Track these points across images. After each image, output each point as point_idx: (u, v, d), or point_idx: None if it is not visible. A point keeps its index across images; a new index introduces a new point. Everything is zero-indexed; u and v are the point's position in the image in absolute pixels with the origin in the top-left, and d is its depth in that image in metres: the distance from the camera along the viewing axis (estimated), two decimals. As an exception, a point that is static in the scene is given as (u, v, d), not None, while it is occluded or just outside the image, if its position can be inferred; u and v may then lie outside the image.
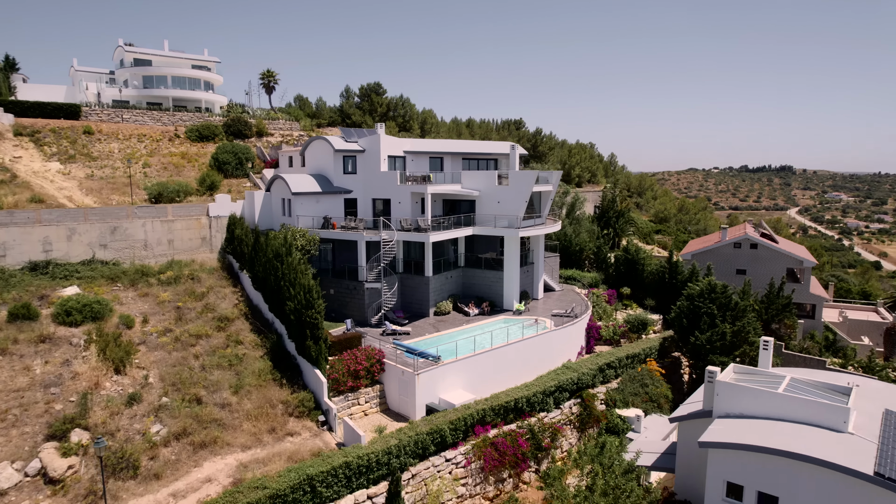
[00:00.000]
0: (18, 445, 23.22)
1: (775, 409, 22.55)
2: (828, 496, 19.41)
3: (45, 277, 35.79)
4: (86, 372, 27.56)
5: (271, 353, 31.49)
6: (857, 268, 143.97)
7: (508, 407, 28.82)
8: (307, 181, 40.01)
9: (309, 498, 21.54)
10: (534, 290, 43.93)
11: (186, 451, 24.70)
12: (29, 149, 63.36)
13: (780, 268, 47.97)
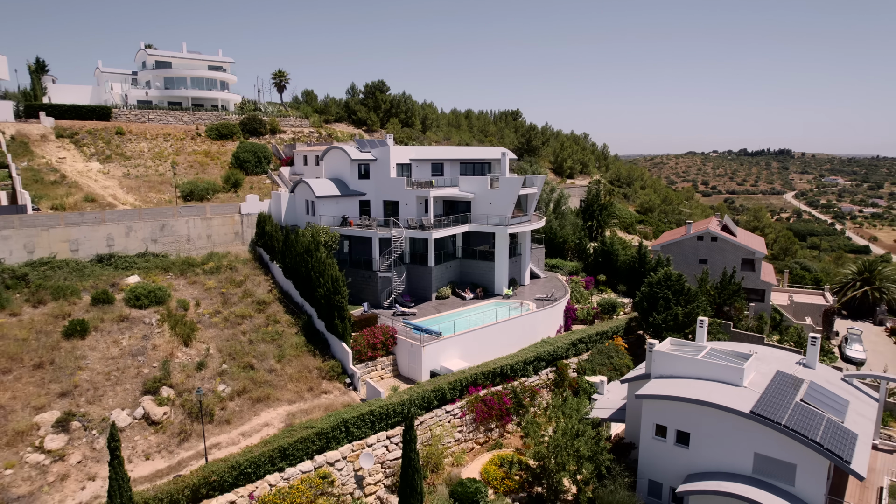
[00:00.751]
0: (123, 397, 30.63)
1: (694, 370, 29.87)
2: (722, 429, 26.81)
3: (110, 268, 42.99)
4: (162, 345, 34.87)
5: (304, 331, 38.78)
6: (834, 253, 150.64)
7: (496, 372, 36.18)
8: (328, 185, 46.98)
9: (344, 436, 28.95)
10: (521, 278, 51.16)
11: (246, 404, 32.13)
12: (70, 150, 70.08)
13: (737, 258, 55.17)
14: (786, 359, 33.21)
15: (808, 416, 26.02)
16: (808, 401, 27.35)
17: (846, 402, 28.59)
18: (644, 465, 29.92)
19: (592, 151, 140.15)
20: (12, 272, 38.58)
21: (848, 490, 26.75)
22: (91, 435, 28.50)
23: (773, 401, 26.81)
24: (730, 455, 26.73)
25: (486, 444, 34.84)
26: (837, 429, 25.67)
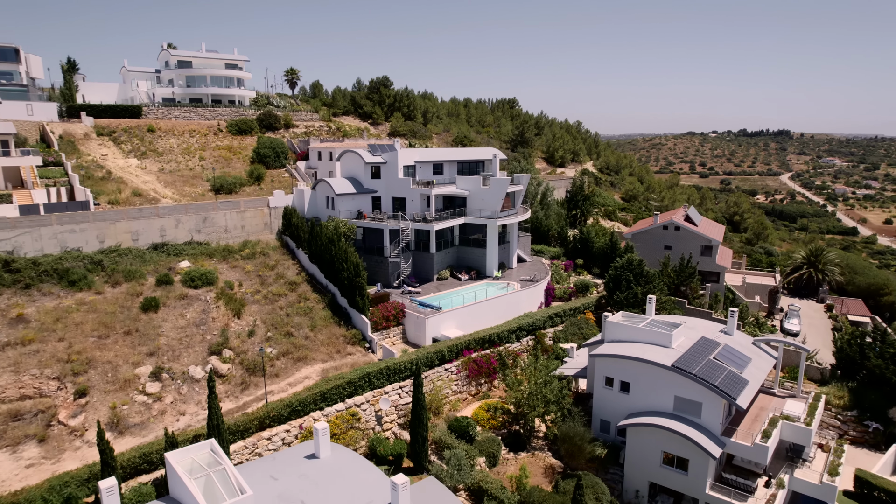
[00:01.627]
0: (195, 357, 39.59)
1: (636, 336, 38.75)
2: (652, 379, 35.72)
3: (164, 255, 51.65)
4: (219, 317, 43.75)
5: (329, 306, 47.61)
6: (810, 235, 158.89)
7: (485, 339, 45.09)
8: (345, 184, 55.44)
9: (367, 385, 37.94)
10: (509, 262, 59.91)
11: (289, 363, 41.11)
12: (111, 147, 78.31)
13: (696, 245, 63.79)
14: (713, 327, 42.11)
15: (715, 368, 34.97)
16: (717, 358, 36.29)
17: (749, 359, 37.56)
18: (597, 407, 39.01)
19: (584, 140, 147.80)
20: (90, 259, 47.30)
21: (744, 421, 35.74)
22: (176, 384, 37.52)
23: (690, 358, 35.73)
24: (657, 398, 35.73)
25: (476, 395, 43.90)
26: (734, 377, 34.64)
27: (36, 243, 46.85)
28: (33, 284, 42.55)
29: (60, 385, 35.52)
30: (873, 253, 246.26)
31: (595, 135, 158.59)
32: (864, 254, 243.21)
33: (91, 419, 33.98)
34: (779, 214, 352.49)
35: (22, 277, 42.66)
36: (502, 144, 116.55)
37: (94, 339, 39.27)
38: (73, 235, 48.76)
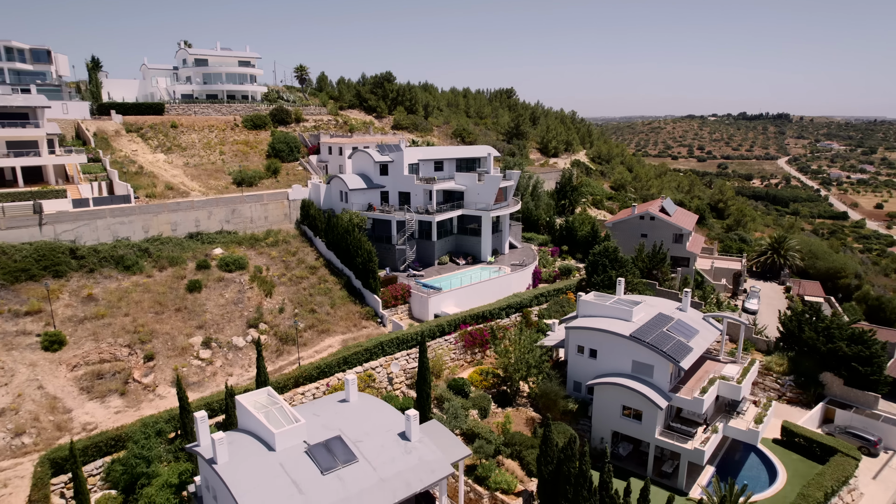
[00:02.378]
0: (236, 329, 47.49)
1: (604, 312, 46.55)
2: (615, 347, 43.58)
3: (199, 243, 59.19)
4: (253, 297, 51.57)
5: (346, 287, 55.39)
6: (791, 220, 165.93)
7: (479, 315, 52.91)
8: (357, 180, 62.87)
9: (381, 352, 45.85)
10: (502, 248, 67.57)
11: (315, 334, 49.00)
12: (139, 143, 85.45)
13: (669, 233, 71.36)
14: (671, 305, 49.92)
15: (665, 338, 42.84)
16: (669, 330, 44.16)
17: (696, 331, 45.43)
18: (570, 371, 47.00)
19: (578, 130, 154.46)
20: (138, 247, 54.96)
21: (690, 381, 43.67)
22: (223, 351, 45.46)
23: (646, 329, 43.59)
24: (619, 362, 43.65)
25: (471, 362, 51.87)
26: (681, 345, 42.53)
27: (93, 233, 54.42)
28: (96, 269, 50.29)
29: (131, 351, 43.46)
30: (859, 237, 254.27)
31: (589, 125, 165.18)
32: (849, 237, 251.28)
33: (159, 378, 41.99)
34: (772, 199, 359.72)
35: (86, 263, 50.41)
36: (499, 136, 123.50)
37: (153, 314, 47.16)
38: (123, 226, 56.32)
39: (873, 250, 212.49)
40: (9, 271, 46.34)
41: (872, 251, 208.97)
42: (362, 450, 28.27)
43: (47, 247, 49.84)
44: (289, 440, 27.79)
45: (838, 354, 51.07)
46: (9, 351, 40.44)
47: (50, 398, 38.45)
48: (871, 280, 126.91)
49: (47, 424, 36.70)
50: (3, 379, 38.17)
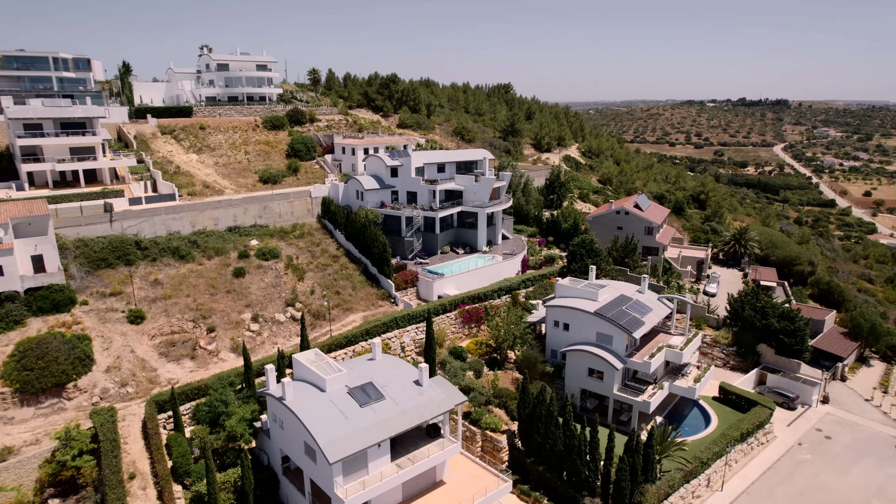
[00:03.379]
0: (277, 308, 58.29)
1: (576, 293, 57.27)
2: (583, 321, 54.38)
3: (237, 235, 69.61)
4: (288, 281, 62.28)
5: (363, 273, 66.04)
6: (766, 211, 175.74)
7: (475, 297, 63.64)
8: (371, 181, 73.23)
9: (395, 325, 56.70)
10: (496, 239, 78.13)
11: (340, 312, 59.80)
12: (173, 144, 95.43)
13: (641, 226, 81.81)
14: (632, 288, 60.63)
15: (623, 314, 53.61)
16: (627, 308, 54.94)
17: (650, 309, 56.19)
18: (549, 341, 57.87)
19: (570, 125, 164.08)
20: (188, 239, 65.40)
21: (644, 349, 54.48)
22: (268, 325, 56.31)
23: (608, 307, 54.35)
24: (586, 333, 54.43)
25: (468, 335, 62.73)
26: (636, 320, 53.31)
27: (151, 228, 64.90)
28: (157, 258, 60.93)
29: (195, 325, 54.29)
30: (842, 225, 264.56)
31: (582, 119, 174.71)
32: (832, 225, 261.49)
33: (220, 346, 52.89)
34: (763, 187, 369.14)
35: (149, 253, 61.03)
36: (496, 132, 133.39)
37: (208, 295, 57.94)
38: (174, 222, 66.75)
39: (852, 237, 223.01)
40: (92, 260, 57.00)
41: (851, 238, 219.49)
42: (387, 391, 39.15)
43: (118, 240, 60.41)
44: (335, 384, 38.66)
45: (771, 329, 61.99)
46: (104, 323, 51.25)
47: (140, 360, 49.38)
48: (839, 266, 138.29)
49: (142, 378, 47.66)
50: (105, 344, 49.02)
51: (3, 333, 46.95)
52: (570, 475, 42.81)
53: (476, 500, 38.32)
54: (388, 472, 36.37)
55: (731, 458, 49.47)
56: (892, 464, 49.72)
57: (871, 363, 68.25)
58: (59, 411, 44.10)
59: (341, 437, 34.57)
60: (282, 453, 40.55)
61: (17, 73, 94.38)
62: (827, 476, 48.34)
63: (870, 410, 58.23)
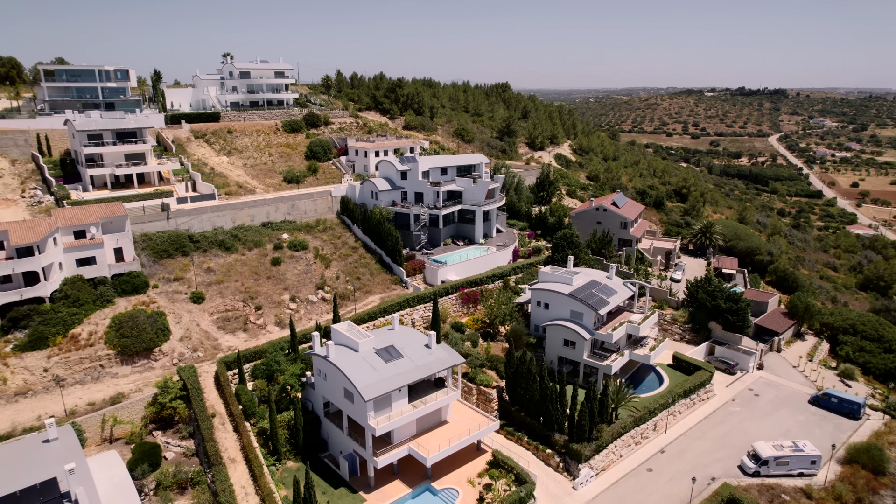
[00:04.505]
0: (309, 291, 70.80)
1: (555, 278, 69.73)
2: (560, 301, 66.88)
3: (270, 230, 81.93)
4: (317, 268, 74.79)
5: (379, 262, 78.51)
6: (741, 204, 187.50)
7: (473, 282, 76.16)
8: (384, 183, 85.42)
9: (407, 305, 69.26)
10: (491, 233, 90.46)
11: (361, 294, 72.38)
12: (206, 147, 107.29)
13: (617, 222, 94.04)
14: (602, 274, 73.05)
15: (592, 295, 66.10)
16: (596, 290, 67.42)
17: (615, 291, 68.66)
18: (532, 317, 70.46)
19: (563, 123, 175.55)
20: (230, 233, 77.69)
21: (609, 323, 66.93)
22: (304, 304, 68.87)
23: (580, 290, 66.82)
24: (562, 311, 66.93)
25: (467, 313, 75.25)
26: (602, 300, 65.82)
27: (199, 224, 77.18)
28: (208, 249, 73.33)
29: (245, 304, 66.84)
30: (824, 216, 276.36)
31: (574, 117, 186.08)
32: (814, 216, 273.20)
33: (266, 321, 65.49)
34: (754, 178, 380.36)
35: (200, 245, 73.39)
36: (493, 133, 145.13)
37: (252, 280, 70.43)
38: (218, 218, 78.99)
39: (830, 228, 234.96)
40: (156, 251, 69.45)
41: (829, 229, 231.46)
42: (405, 352, 51.75)
43: (175, 234, 72.82)
44: (365, 346, 51.25)
45: (719, 309, 74.50)
46: (173, 303, 63.79)
47: (204, 331, 62.00)
48: (807, 255, 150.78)
49: (207, 346, 60.31)
50: (176, 319, 61.60)
51: (100, 309, 59.50)
52: (544, 418, 55.55)
53: (471, 433, 51.09)
54: (407, 411, 49.08)
55: (676, 409, 62.27)
56: (801, 413, 62.56)
57: (806, 338, 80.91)
58: (149, 369, 56.78)
59: (372, 383, 47.22)
60: (324, 400, 53.25)
61: (65, 85, 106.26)
62: (749, 422, 61.14)
63: (795, 375, 71.00)
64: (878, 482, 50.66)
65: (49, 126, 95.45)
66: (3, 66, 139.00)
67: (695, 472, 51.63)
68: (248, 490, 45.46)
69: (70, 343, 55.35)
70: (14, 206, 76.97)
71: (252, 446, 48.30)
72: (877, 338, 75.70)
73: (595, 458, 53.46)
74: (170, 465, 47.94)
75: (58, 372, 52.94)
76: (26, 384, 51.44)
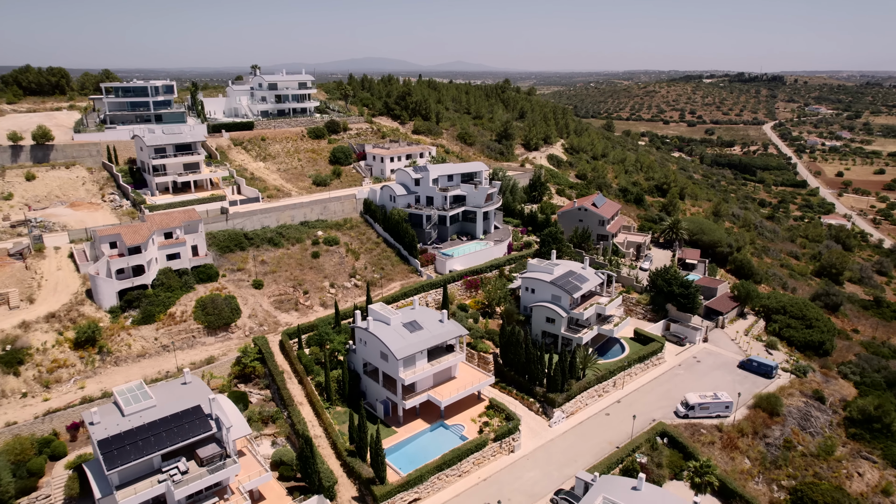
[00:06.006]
0: (344, 278, 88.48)
1: (540, 268, 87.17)
2: (543, 287, 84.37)
3: (307, 228, 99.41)
4: (348, 261, 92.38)
5: (398, 255, 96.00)
6: (718, 197, 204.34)
7: (475, 271, 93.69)
8: (401, 188, 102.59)
9: (422, 289, 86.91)
10: (489, 229, 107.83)
11: (385, 281, 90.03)
12: (244, 154, 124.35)
13: (596, 220, 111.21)
14: (578, 265, 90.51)
15: (568, 283, 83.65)
16: (572, 279, 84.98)
17: (587, 279, 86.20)
18: (522, 300, 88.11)
19: (557, 123, 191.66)
20: (276, 231, 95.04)
21: (583, 304, 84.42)
22: (341, 289, 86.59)
23: (559, 278, 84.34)
24: (545, 295, 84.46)
25: (470, 297, 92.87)
26: (576, 286, 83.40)
27: (251, 224, 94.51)
28: (259, 245, 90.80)
29: (294, 289, 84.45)
30: (803, 206, 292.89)
31: (567, 117, 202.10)
32: (794, 206, 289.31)
33: (312, 302, 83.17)
34: (743, 168, 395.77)
35: (253, 242, 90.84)
36: (492, 136, 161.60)
37: (299, 270, 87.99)
38: (265, 218, 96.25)
39: (806, 218, 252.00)
40: (220, 247, 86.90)
41: (805, 219, 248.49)
42: (424, 325, 69.40)
43: (233, 233, 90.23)
44: (395, 320, 68.90)
45: (674, 293, 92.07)
46: (239, 288, 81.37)
47: (265, 311, 79.71)
48: (774, 246, 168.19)
49: (269, 322, 78.05)
50: (243, 301, 79.24)
51: (186, 294, 77.04)
52: (529, 376, 73.39)
53: (473, 385, 68.95)
54: (426, 368, 66.82)
55: (632, 371, 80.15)
56: (730, 374, 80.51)
57: (748, 317, 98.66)
58: (227, 340, 74.52)
59: (402, 347, 64.90)
60: (363, 361, 71.01)
61: (122, 100, 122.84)
62: (689, 382, 79.09)
63: (732, 346, 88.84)
64: (772, 420, 68.73)
65: (115, 138, 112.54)
66: (54, 76, 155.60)
67: (640, 416, 69.63)
68: (313, 423, 63.49)
69: (169, 319, 73.05)
70: (101, 210, 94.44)
71: (314, 394, 66.27)
72: (801, 317, 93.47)
73: (566, 405, 71.45)
74: (255, 406, 65.90)
75: (164, 341, 70.73)
76: (143, 349, 69.25)
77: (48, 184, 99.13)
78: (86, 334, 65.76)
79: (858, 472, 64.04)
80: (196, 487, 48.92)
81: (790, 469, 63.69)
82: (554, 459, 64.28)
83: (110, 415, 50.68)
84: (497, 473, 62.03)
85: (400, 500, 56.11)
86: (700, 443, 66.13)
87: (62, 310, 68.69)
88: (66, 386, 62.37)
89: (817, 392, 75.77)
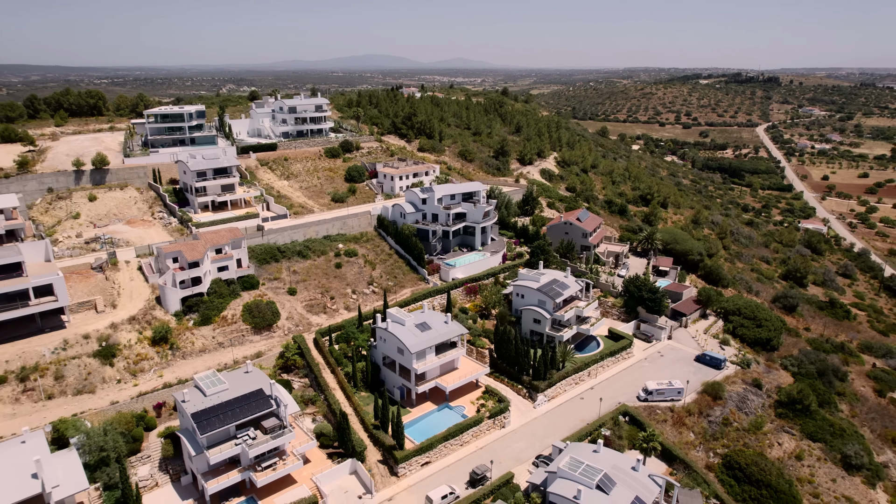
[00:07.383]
0: (363, 285, 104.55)
1: (528, 276, 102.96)
2: (530, 293, 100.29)
3: (329, 241, 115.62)
4: (366, 270, 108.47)
5: (408, 265, 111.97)
6: (698, 206, 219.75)
7: (474, 279, 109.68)
8: (410, 207, 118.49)
9: (429, 295, 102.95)
10: (487, 241, 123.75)
11: (397, 287, 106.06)
12: (269, 173, 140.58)
13: (580, 232, 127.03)
14: (561, 274, 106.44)
15: (552, 289, 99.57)
16: (555, 285, 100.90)
17: (569, 286, 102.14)
18: (514, 303, 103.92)
19: (550, 137, 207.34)
20: (304, 244, 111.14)
21: (565, 307, 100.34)
22: (361, 295, 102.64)
23: (545, 285, 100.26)
24: (532, 300, 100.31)
25: (470, 301, 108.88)
26: (558, 292, 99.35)
27: (282, 238, 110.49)
28: (291, 257, 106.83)
29: (322, 295, 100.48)
30: (784, 210, 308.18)
31: (560, 131, 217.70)
32: (776, 210, 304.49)
33: (338, 306, 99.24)
34: (733, 172, 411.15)
35: (285, 254, 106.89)
36: (490, 152, 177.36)
37: (325, 279, 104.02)
38: (294, 233, 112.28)
39: (786, 223, 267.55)
40: (258, 259, 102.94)
41: (784, 224, 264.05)
42: (432, 325, 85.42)
43: (268, 246, 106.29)
44: (409, 321, 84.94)
45: (643, 297, 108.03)
46: (276, 295, 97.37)
47: (300, 314, 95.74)
48: (747, 251, 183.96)
49: (304, 323, 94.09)
50: (281, 306, 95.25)
51: (234, 299, 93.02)
52: (518, 367, 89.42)
53: (472, 374, 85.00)
54: (434, 360, 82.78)
55: (605, 364, 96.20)
56: (687, 366, 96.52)
57: (709, 318, 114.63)
58: (270, 338, 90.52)
59: (415, 343, 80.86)
60: (383, 355, 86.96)
61: (161, 125, 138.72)
62: (652, 372, 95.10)
63: (692, 343, 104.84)
64: (715, 403, 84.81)
65: (158, 161, 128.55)
66: (91, 98, 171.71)
67: (608, 400, 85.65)
68: (344, 404, 79.60)
69: (222, 321, 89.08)
70: (154, 226, 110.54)
71: (344, 381, 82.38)
72: (753, 317, 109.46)
73: (548, 390, 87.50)
74: (297, 392, 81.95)
75: (220, 339, 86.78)
76: (203, 346, 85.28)
77: (107, 203, 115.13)
78: (160, 333, 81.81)
79: (779, 442, 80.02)
80: (262, 449, 64.96)
81: (725, 440, 79.73)
82: (536, 433, 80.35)
83: (195, 395, 66.70)
84: (491, 444, 78.10)
85: (415, 462, 72.25)
86: (655, 420, 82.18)
87: (139, 313, 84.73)
88: (148, 375, 78.43)
89: (756, 381, 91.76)
